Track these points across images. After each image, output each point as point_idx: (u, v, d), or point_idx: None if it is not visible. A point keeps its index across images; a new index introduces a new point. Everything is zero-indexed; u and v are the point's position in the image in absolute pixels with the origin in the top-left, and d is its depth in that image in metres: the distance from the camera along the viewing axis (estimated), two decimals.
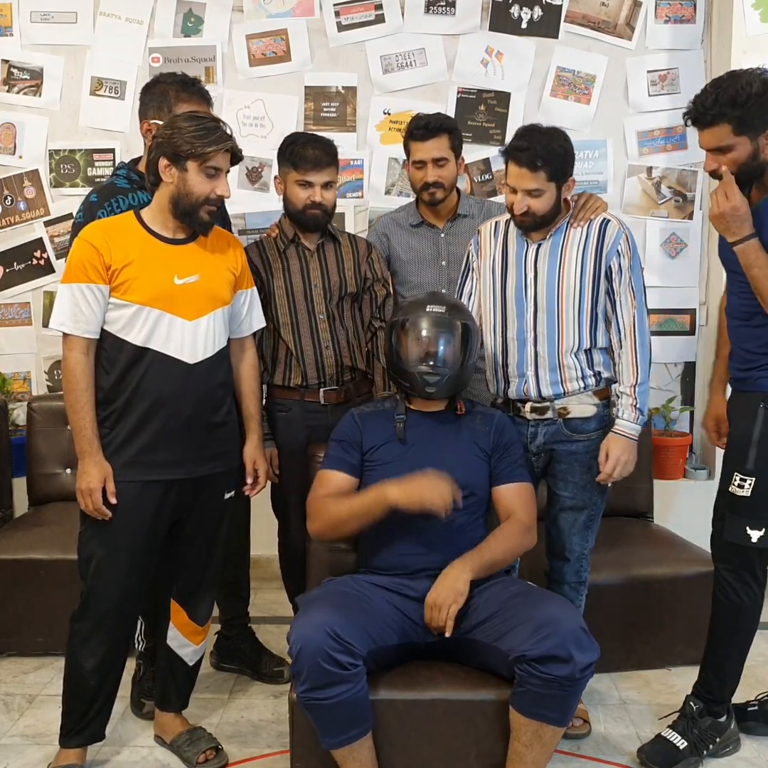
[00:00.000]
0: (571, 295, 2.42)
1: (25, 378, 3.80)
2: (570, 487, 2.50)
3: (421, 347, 2.30)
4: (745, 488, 2.31)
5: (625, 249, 2.41)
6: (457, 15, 3.63)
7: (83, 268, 2.18)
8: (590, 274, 2.41)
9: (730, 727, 2.47)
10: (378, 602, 2.17)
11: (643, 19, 3.64)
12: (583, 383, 2.46)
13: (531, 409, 2.48)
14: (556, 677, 1.96)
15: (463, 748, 2.11)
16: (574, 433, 2.47)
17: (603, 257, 2.41)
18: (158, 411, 2.23)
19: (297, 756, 2.16)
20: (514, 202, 2.36)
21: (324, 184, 2.62)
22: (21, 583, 2.98)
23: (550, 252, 2.43)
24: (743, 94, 2.12)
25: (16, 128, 3.68)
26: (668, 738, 2.43)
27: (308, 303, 2.71)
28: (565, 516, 2.53)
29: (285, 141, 2.68)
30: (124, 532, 2.25)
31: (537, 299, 2.44)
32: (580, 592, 2.60)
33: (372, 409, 2.42)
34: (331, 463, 2.35)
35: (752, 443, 2.30)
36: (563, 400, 2.46)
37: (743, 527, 2.32)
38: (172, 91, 2.49)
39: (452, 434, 2.35)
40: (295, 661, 1.99)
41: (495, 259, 2.51)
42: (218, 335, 2.31)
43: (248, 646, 2.95)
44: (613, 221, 2.44)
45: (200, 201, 2.21)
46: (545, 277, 2.43)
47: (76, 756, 2.37)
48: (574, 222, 2.43)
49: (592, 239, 2.42)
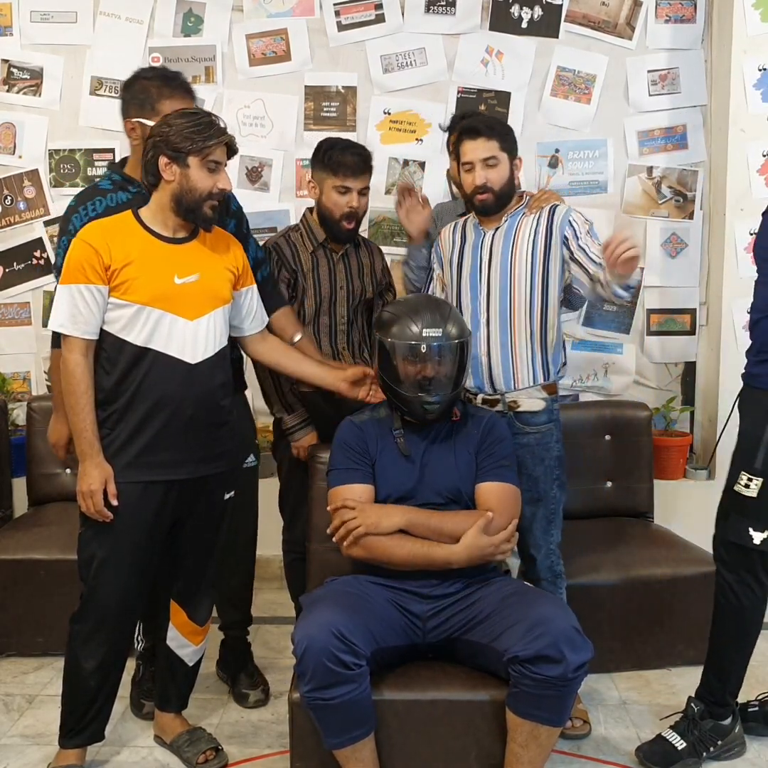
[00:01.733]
0: (523, 276, 2.49)
1: (24, 378, 3.80)
2: (524, 480, 2.48)
3: (417, 374, 2.25)
4: (752, 488, 2.28)
5: (577, 218, 2.49)
6: (457, 15, 3.63)
7: (81, 268, 2.18)
8: (541, 255, 2.49)
9: (735, 731, 2.44)
10: (380, 602, 2.17)
11: (643, 19, 3.64)
12: (533, 379, 2.51)
13: (482, 401, 2.53)
14: (548, 677, 1.96)
15: (462, 748, 2.11)
16: (525, 425, 2.52)
17: (554, 234, 2.48)
18: (159, 411, 2.22)
19: (297, 756, 2.16)
20: (474, 178, 2.45)
21: (361, 189, 2.68)
22: (21, 583, 2.98)
23: (504, 236, 2.52)
24: None
25: (16, 128, 3.68)
26: (668, 738, 2.43)
27: (332, 306, 2.78)
28: (522, 511, 2.49)
29: (321, 146, 2.71)
30: (125, 533, 2.25)
31: (490, 282, 2.52)
32: (558, 585, 2.60)
33: (368, 417, 2.40)
34: (347, 478, 2.29)
35: (763, 443, 2.27)
36: (513, 394, 2.52)
37: (746, 528, 2.30)
38: (153, 88, 2.40)
39: (447, 442, 2.34)
40: (300, 660, 1.99)
41: (453, 253, 2.60)
42: (219, 335, 2.31)
43: (234, 658, 2.87)
44: (562, 204, 2.54)
45: (204, 196, 2.20)
46: (499, 260, 2.51)
47: (76, 756, 2.37)
48: (527, 210, 2.53)
49: (542, 221, 2.51)
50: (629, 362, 3.79)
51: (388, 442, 2.33)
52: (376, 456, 2.32)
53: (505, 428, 2.41)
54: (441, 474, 2.29)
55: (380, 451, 2.32)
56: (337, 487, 2.30)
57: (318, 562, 2.48)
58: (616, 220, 3.67)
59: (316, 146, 2.74)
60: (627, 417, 3.32)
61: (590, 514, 3.23)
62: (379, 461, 2.32)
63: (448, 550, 2.18)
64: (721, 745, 2.42)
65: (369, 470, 2.30)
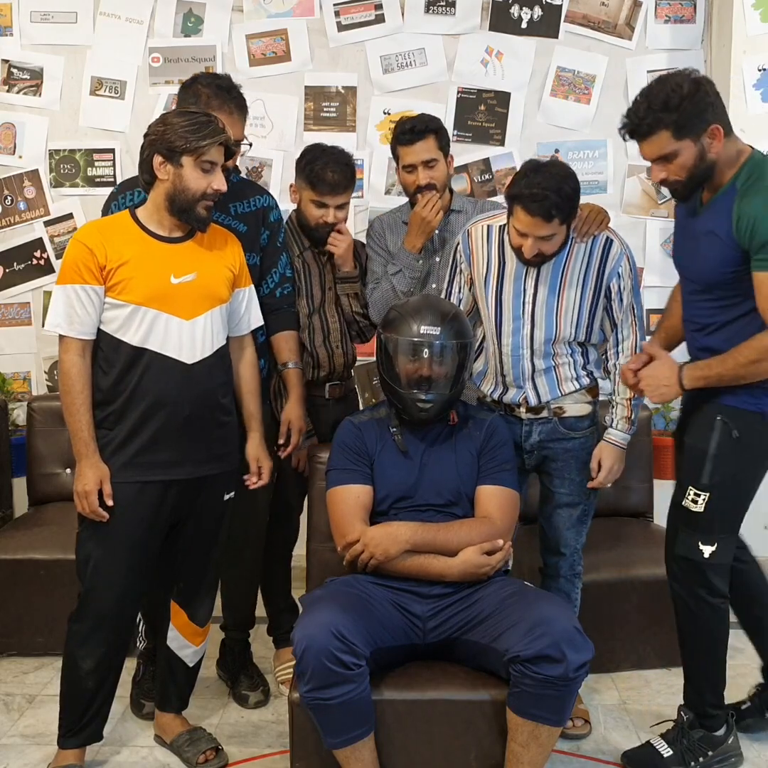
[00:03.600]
0: (570, 315, 2.42)
1: (25, 378, 3.80)
2: (567, 484, 2.52)
3: (414, 372, 2.26)
4: (699, 503, 2.25)
5: (626, 271, 2.42)
6: (457, 15, 3.63)
7: (77, 269, 2.18)
8: (591, 293, 2.42)
9: (728, 742, 2.38)
10: (380, 603, 2.17)
11: (643, 19, 3.64)
12: (578, 383, 2.48)
13: (526, 410, 2.49)
14: (549, 677, 1.96)
15: (462, 748, 2.11)
16: (570, 430, 2.49)
17: (605, 277, 2.41)
18: (157, 411, 2.22)
19: (297, 756, 2.16)
20: (524, 246, 2.31)
21: (338, 205, 2.68)
22: (21, 583, 2.98)
23: (552, 270, 2.41)
24: (675, 96, 2.04)
25: (16, 128, 3.68)
26: (655, 745, 2.40)
27: (323, 306, 2.79)
28: (561, 513, 2.54)
29: (305, 155, 2.71)
30: (122, 533, 2.25)
31: (534, 317, 2.43)
32: (575, 584, 2.61)
33: (368, 418, 2.40)
34: (345, 478, 2.30)
35: (708, 457, 2.23)
36: (559, 400, 2.48)
37: (696, 543, 2.27)
38: (204, 96, 2.42)
39: (448, 443, 2.34)
40: (300, 660, 1.99)
41: (490, 269, 2.47)
42: (216, 334, 2.30)
43: (234, 659, 2.87)
44: (616, 241, 2.43)
45: (197, 196, 2.19)
46: (545, 297, 2.41)
47: (75, 756, 2.36)
48: (577, 237, 2.41)
49: (595, 259, 2.41)
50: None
51: (388, 442, 2.34)
52: (375, 456, 2.32)
53: (507, 432, 2.41)
54: (441, 474, 2.30)
55: (379, 451, 2.32)
56: (335, 487, 2.30)
57: (318, 562, 2.48)
58: (616, 220, 3.67)
59: (302, 151, 2.75)
60: None
61: None
62: (378, 461, 2.32)
63: (444, 563, 2.18)
64: (712, 755, 2.36)
65: (367, 471, 2.31)
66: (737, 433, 2.21)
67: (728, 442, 2.21)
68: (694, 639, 2.35)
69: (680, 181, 2.15)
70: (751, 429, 2.21)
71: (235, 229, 2.46)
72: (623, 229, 3.56)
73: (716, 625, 2.32)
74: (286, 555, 2.95)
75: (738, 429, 2.21)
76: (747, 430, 2.21)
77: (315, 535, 2.51)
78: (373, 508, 2.30)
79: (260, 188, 2.71)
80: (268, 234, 2.60)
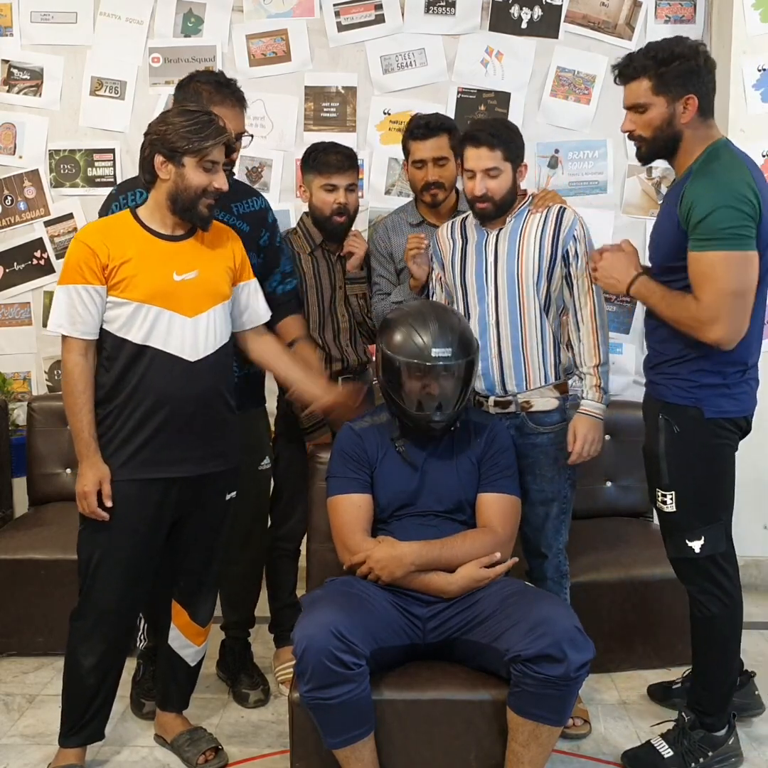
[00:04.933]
0: (531, 276, 2.47)
1: (25, 378, 3.80)
2: (538, 480, 2.51)
3: (422, 390, 2.25)
4: (669, 503, 2.27)
5: (581, 234, 2.49)
6: (457, 15, 3.63)
7: (79, 269, 2.18)
8: (548, 258, 2.47)
9: (728, 742, 2.38)
10: (380, 603, 2.17)
11: (643, 19, 3.64)
12: (544, 376, 2.50)
13: (494, 403, 2.52)
14: (550, 677, 1.96)
15: (463, 748, 2.11)
16: (539, 425, 2.51)
17: (560, 241, 2.47)
18: (159, 409, 2.22)
19: (297, 756, 2.16)
20: (474, 186, 2.42)
21: (347, 186, 2.74)
22: (21, 583, 2.99)
23: (510, 237, 2.50)
24: (669, 54, 2.11)
25: (16, 128, 3.68)
26: (655, 746, 2.40)
27: (333, 305, 2.83)
28: (536, 511, 2.54)
29: (307, 151, 2.82)
30: (124, 531, 2.25)
31: (497, 283, 2.49)
32: (563, 585, 2.61)
33: (369, 424, 2.39)
34: (345, 487, 2.30)
35: (660, 457, 2.27)
36: (525, 394, 2.50)
37: (683, 541, 2.27)
38: (205, 92, 2.43)
39: (449, 450, 2.34)
40: (300, 660, 1.99)
41: (455, 251, 2.57)
42: (219, 332, 2.30)
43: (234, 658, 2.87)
44: (569, 210, 2.52)
45: (198, 194, 2.19)
46: (505, 261, 2.49)
47: (75, 756, 2.36)
48: (533, 209, 2.51)
49: (549, 224, 2.49)
50: (629, 362, 3.79)
51: (389, 450, 2.33)
52: (376, 464, 2.32)
53: (508, 437, 2.41)
54: (442, 482, 2.30)
55: (381, 459, 2.32)
56: (335, 496, 2.31)
57: (318, 562, 2.48)
58: (616, 220, 3.68)
59: (304, 152, 2.83)
60: (626, 417, 3.30)
61: (590, 514, 3.22)
62: (379, 468, 2.32)
63: (445, 580, 2.19)
64: (712, 756, 2.36)
65: (367, 479, 2.31)
66: (677, 428, 2.24)
67: (672, 439, 2.25)
68: (706, 634, 2.35)
69: (644, 138, 2.20)
70: (689, 423, 2.23)
71: (239, 229, 2.47)
72: (623, 229, 3.59)
73: (726, 621, 2.33)
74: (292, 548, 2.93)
75: (678, 424, 2.24)
76: (686, 424, 2.24)
77: (315, 536, 2.51)
78: (375, 516, 2.31)
79: (254, 190, 2.75)
80: (269, 235, 2.62)
